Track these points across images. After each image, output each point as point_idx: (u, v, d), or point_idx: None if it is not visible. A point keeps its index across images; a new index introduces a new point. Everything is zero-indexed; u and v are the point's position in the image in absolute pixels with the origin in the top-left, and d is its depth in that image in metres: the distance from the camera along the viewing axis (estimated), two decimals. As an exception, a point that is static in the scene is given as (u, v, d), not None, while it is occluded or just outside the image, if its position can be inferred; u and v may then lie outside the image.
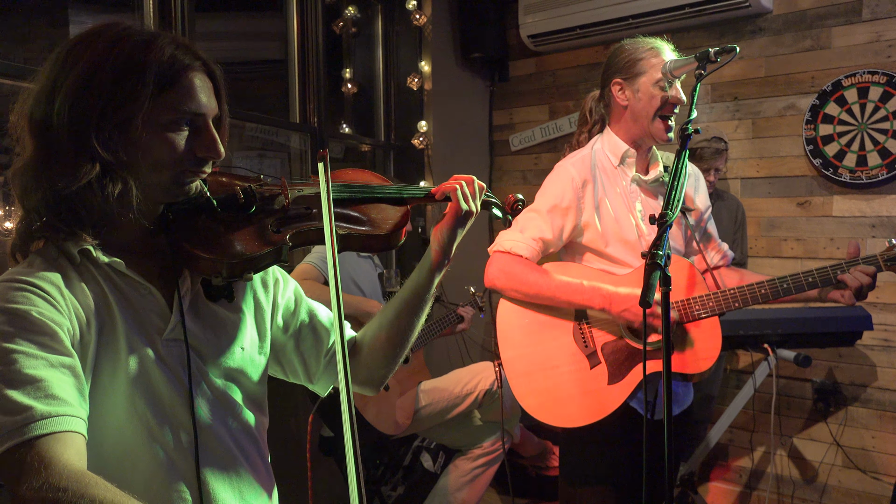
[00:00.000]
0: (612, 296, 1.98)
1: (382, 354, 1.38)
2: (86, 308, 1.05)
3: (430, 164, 4.22)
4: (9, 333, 0.96)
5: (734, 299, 1.98)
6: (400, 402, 2.96)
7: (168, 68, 1.05)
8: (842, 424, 3.63)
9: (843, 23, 3.52)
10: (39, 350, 0.97)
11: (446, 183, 1.33)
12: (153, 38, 1.06)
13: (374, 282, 3.13)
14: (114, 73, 1.02)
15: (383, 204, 1.32)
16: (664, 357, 1.43)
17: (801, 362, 3.14)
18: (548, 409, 2.07)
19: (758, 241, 3.83)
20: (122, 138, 1.04)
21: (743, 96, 3.84)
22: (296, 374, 1.41)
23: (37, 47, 3.07)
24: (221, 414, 1.20)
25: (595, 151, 2.17)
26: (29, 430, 0.91)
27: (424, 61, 4.25)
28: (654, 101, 2.05)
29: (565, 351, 2.08)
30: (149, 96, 1.03)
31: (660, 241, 1.46)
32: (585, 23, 4.04)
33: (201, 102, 1.09)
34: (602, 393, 2.03)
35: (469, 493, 3.13)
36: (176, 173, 1.09)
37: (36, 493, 0.88)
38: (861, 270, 1.88)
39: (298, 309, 1.38)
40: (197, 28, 2.90)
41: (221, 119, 1.17)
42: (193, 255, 1.12)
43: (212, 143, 1.11)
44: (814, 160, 3.59)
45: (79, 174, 1.02)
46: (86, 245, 1.07)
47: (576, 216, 2.10)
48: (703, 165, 3.46)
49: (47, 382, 0.95)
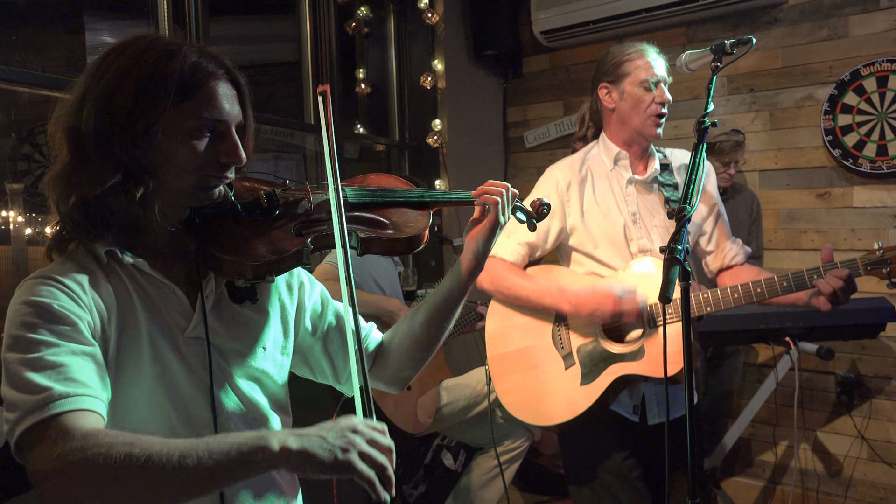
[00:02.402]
0: (578, 298, 2.01)
1: (410, 357, 1.41)
2: (108, 305, 1.10)
3: (445, 163, 4.22)
4: (33, 324, 1.01)
5: (706, 304, 1.97)
6: (422, 401, 2.96)
7: (190, 76, 1.08)
8: (866, 417, 3.58)
9: (860, 11, 3.48)
10: (61, 339, 1.01)
11: (488, 192, 1.34)
12: (178, 48, 1.10)
13: (394, 280, 3.14)
14: (137, 82, 1.06)
15: (405, 208, 1.33)
16: (684, 353, 1.42)
17: (824, 355, 3.11)
18: (525, 407, 2.14)
19: (777, 233, 3.79)
20: (145, 145, 1.07)
21: (759, 88, 3.80)
22: (324, 374, 1.43)
23: (54, 55, 3.10)
24: (243, 412, 1.22)
25: (590, 156, 2.20)
26: (49, 409, 0.94)
27: (437, 60, 4.25)
28: (639, 103, 2.06)
29: (544, 352, 2.13)
30: (170, 104, 1.06)
31: (678, 236, 1.45)
32: (599, 17, 4.01)
33: (223, 109, 1.12)
34: (574, 393, 2.06)
35: (490, 490, 3.13)
36: (199, 178, 1.12)
37: (56, 461, 0.90)
38: (834, 275, 1.83)
39: (325, 311, 1.41)
40: (211, 32, 2.92)
41: (246, 125, 1.19)
42: (218, 258, 1.15)
43: (233, 148, 1.13)
44: (833, 151, 3.55)
45: (103, 180, 1.06)
46: (112, 246, 1.11)
47: (561, 219, 2.13)
48: (724, 159, 3.43)
49: (68, 367, 0.99)
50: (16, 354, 1.00)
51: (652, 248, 2.09)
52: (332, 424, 0.98)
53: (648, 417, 2.10)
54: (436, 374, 3.15)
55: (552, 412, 2.09)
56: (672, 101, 2.10)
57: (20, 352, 1.00)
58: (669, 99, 2.09)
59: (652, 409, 2.10)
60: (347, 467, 0.94)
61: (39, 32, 2.99)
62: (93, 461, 0.90)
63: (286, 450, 0.93)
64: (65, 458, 0.90)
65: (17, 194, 2.67)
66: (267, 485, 1.24)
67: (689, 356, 1.42)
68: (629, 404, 2.09)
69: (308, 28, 3.61)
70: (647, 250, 2.09)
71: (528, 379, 2.13)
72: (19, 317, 1.03)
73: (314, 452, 0.94)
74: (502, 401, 2.17)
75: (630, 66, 2.07)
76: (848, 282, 1.83)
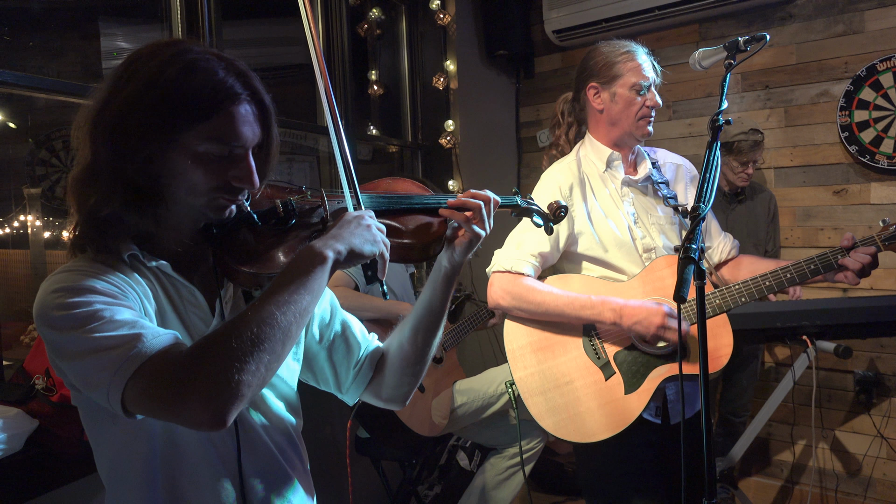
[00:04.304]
0: (622, 309, 1.96)
1: (402, 373, 1.39)
2: (143, 295, 1.10)
3: (458, 164, 4.22)
4: (85, 302, 1.00)
5: (740, 294, 1.95)
6: (436, 403, 2.96)
7: (210, 97, 1.05)
8: (885, 416, 3.55)
9: (876, 6, 3.45)
10: (119, 304, 1.02)
11: (464, 206, 1.28)
12: (202, 62, 1.06)
13: (406, 283, 3.14)
14: (156, 98, 1.03)
15: (421, 215, 1.31)
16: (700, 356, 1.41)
17: (842, 353, 3.08)
18: (567, 426, 2.03)
19: (793, 230, 3.76)
20: (159, 162, 1.06)
21: (774, 84, 3.77)
22: (326, 382, 1.43)
23: (69, 61, 3.13)
24: (259, 415, 1.23)
25: (581, 158, 2.16)
26: (150, 347, 0.96)
27: (450, 60, 4.25)
28: (630, 107, 2.05)
29: (578, 364, 2.06)
30: (185, 125, 1.04)
31: (692, 235, 1.43)
32: (611, 16, 4.00)
33: (239, 134, 1.08)
34: (620, 403, 2.00)
35: (505, 491, 3.13)
36: (209, 199, 1.10)
37: (178, 383, 0.92)
38: (862, 251, 1.90)
39: (333, 320, 1.41)
40: (224, 36, 2.93)
41: (269, 146, 1.16)
42: (235, 269, 1.14)
43: (247, 174, 1.11)
44: (849, 147, 3.52)
45: (112, 198, 1.05)
46: (133, 251, 1.11)
47: (569, 224, 2.09)
48: (742, 158, 3.41)
49: (140, 322, 1.00)
50: (75, 331, 0.97)
51: (656, 247, 2.08)
52: (350, 222, 1.13)
53: (671, 417, 2.08)
54: (449, 375, 3.15)
55: (599, 427, 2.00)
56: (681, 99, 2.08)
57: (79, 326, 0.97)
58: (660, 103, 2.08)
59: (674, 408, 2.08)
60: (379, 254, 1.13)
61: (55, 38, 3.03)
62: (225, 346, 0.93)
63: (339, 252, 1.08)
64: (182, 372, 0.93)
65: (35, 198, 2.70)
66: (283, 479, 1.25)
67: (706, 354, 1.41)
68: (652, 406, 2.06)
69: (320, 30, 3.62)
70: (651, 248, 2.08)
71: (565, 396, 2.04)
72: (59, 299, 1.00)
73: (360, 248, 1.10)
74: (541, 423, 2.05)
75: (622, 69, 2.05)
76: (875, 257, 1.91)
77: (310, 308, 1.04)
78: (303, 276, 1.03)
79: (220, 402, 0.91)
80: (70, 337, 0.98)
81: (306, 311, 1.03)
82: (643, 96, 2.04)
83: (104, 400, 0.96)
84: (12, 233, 2.72)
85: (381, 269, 1.15)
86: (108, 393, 0.95)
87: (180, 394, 0.92)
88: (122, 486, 1.13)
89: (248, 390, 0.94)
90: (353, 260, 1.10)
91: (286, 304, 0.99)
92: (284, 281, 1.02)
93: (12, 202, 2.73)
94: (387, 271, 1.16)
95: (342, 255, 1.08)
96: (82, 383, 0.99)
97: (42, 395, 1.97)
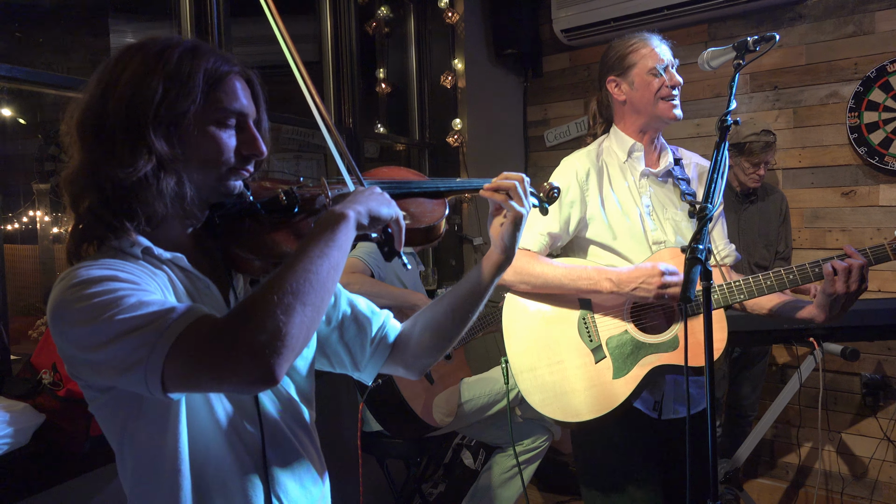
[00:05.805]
0: (619, 276, 1.97)
1: (430, 345, 1.42)
2: (163, 287, 1.09)
3: (466, 162, 4.22)
4: (108, 290, 0.98)
5: (739, 291, 1.95)
6: (445, 396, 2.98)
7: (214, 71, 1.11)
8: (892, 419, 3.53)
9: (886, 7, 3.43)
10: (142, 290, 1.00)
11: (500, 186, 1.32)
12: (197, 46, 1.13)
13: (416, 278, 3.15)
14: (166, 74, 1.07)
15: (421, 198, 1.33)
16: (706, 355, 1.41)
17: (849, 356, 3.06)
18: (552, 404, 2.06)
19: (801, 232, 3.75)
20: (176, 133, 1.08)
21: (783, 85, 3.76)
22: (342, 364, 1.45)
23: (79, 58, 3.14)
24: (278, 407, 1.24)
25: (603, 147, 2.19)
26: (181, 320, 0.94)
27: (457, 59, 4.25)
28: (650, 88, 2.05)
29: (570, 345, 2.08)
30: (199, 94, 1.08)
31: (699, 235, 1.43)
32: (619, 15, 4.00)
33: (244, 103, 1.15)
34: (606, 387, 2.02)
35: (509, 490, 3.13)
36: (222, 172, 1.13)
37: (225, 342, 0.91)
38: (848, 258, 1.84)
39: (339, 301, 1.42)
40: (233, 33, 2.94)
41: (261, 123, 1.21)
42: (242, 259, 1.16)
43: (254, 140, 1.15)
44: (858, 148, 3.50)
45: (137, 166, 1.05)
46: (146, 244, 1.10)
47: (581, 208, 2.10)
48: (754, 159, 3.40)
49: (168, 300, 1.01)
50: (102, 317, 0.95)
51: (666, 240, 2.08)
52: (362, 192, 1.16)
53: (663, 412, 2.09)
54: (457, 372, 3.16)
55: (584, 407, 2.02)
56: (689, 99, 2.08)
57: (105, 312, 0.95)
58: (680, 81, 2.06)
59: (668, 404, 2.09)
60: (394, 220, 1.16)
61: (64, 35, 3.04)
62: (268, 300, 0.93)
63: (359, 212, 1.10)
64: (243, 320, 0.92)
65: (44, 194, 2.72)
66: (303, 468, 1.26)
67: (711, 351, 1.41)
68: (650, 401, 2.07)
69: (329, 28, 3.62)
70: (661, 242, 2.08)
71: (554, 374, 2.07)
72: (78, 293, 0.98)
73: (377, 211, 1.13)
74: (528, 399, 2.10)
75: (636, 57, 2.06)
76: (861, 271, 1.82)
77: (341, 264, 1.05)
78: (329, 233, 1.04)
79: (272, 354, 0.90)
80: (96, 326, 0.95)
81: (338, 266, 1.04)
82: (661, 77, 2.04)
83: (141, 381, 0.93)
84: (21, 228, 2.73)
85: (397, 240, 1.17)
86: (146, 371, 0.92)
87: (228, 352, 0.90)
88: (147, 487, 1.12)
89: (296, 342, 0.94)
90: (372, 224, 1.12)
91: (319, 258, 1.00)
92: (312, 241, 1.03)
93: (21, 198, 2.75)
94: (398, 266, 1.17)
95: (362, 215, 1.10)
96: (116, 369, 0.96)
97: (49, 389, 1.98)
